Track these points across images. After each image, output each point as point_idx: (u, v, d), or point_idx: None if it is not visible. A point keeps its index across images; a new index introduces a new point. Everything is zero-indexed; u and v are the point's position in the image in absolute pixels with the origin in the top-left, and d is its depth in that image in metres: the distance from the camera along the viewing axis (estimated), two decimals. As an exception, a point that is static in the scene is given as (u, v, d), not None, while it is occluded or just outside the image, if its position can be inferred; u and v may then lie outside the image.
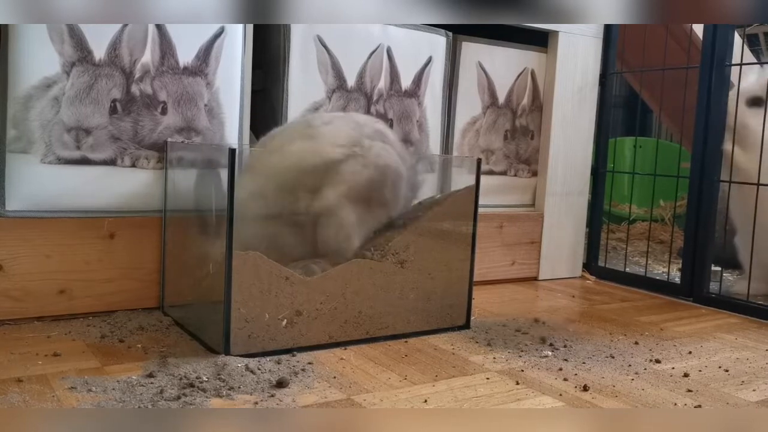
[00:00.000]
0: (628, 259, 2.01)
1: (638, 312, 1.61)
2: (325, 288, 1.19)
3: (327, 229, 1.19)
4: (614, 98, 2.05)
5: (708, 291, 1.73)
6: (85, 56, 1.25)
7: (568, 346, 1.28)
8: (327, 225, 1.19)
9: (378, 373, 1.09)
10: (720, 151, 1.70)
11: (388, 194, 1.24)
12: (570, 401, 1.01)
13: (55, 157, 1.25)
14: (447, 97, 1.73)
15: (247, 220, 1.15)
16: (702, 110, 1.73)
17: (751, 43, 2.56)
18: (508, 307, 1.58)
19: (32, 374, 1.00)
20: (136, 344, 1.15)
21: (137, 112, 1.31)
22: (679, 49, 2.12)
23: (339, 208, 1.18)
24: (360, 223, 1.21)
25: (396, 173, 1.24)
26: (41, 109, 1.23)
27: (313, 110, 1.51)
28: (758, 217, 1.60)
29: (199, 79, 1.37)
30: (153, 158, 1.34)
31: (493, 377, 1.10)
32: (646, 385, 1.10)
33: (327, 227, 1.19)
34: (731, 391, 1.10)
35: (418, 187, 1.34)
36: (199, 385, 0.97)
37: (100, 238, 1.30)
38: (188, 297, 1.27)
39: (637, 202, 2.62)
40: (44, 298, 1.25)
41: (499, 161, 1.86)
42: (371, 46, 1.57)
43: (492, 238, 1.82)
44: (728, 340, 1.40)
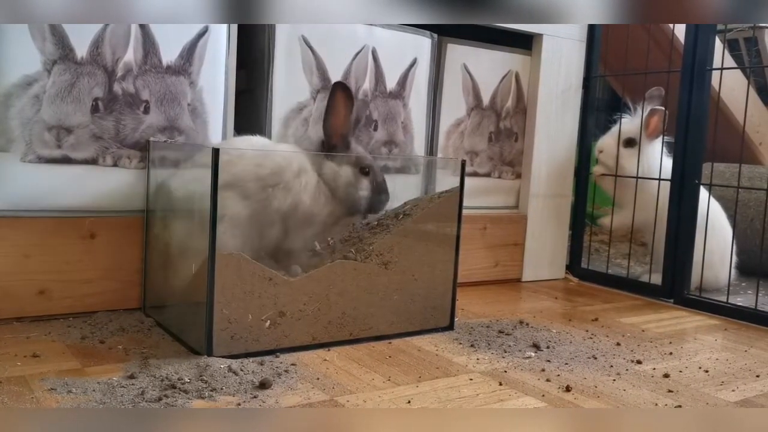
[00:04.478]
0: (610, 261, 2.03)
1: (620, 313, 1.62)
2: (308, 289, 1.18)
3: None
4: (597, 101, 2.07)
5: (688, 293, 1.74)
6: (66, 54, 1.24)
7: (550, 347, 1.29)
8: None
9: (361, 374, 1.09)
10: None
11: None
12: (553, 402, 1.02)
13: (35, 155, 1.24)
14: (432, 98, 1.74)
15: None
16: (683, 114, 1.75)
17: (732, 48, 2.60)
18: (492, 309, 1.58)
19: (11, 375, 0.98)
20: (117, 345, 1.14)
21: (119, 111, 1.30)
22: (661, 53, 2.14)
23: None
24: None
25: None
26: (21, 107, 1.22)
27: (298, 110, 1.51)
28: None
29: (183, 79, 1.36)
30: (135, 157, 1.33)
31: (476, 378, 1.10)
32: (628, 385, 1.11)
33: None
34: (711, 391, 1.11)
35: (383, 191, 1.34)
36: (181, 386, 0.96)
37: (81, 238, 1.28)
38: (170, 298, 1.26)
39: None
40: (23, 298, 1.24)
41: (483, 163, 1.87)
42: (356, 47, 1.57)
43: (475, 240, 1.82)
44: (708, 341, 1.42)
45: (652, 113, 1.83)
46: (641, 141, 1.85)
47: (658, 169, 1.83)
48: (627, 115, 1.90)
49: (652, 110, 1.83)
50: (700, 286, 1.74)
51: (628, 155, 1.87)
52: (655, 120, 1.83)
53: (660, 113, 1.83)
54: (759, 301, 1.62)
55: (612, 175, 1.90)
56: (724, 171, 2.16)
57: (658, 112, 1.83)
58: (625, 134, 1.88)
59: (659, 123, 1.83)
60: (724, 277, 1.82)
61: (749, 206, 2.14)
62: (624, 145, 1.88)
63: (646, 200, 1.82)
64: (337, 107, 1.28)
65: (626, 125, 1.88)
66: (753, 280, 1.94)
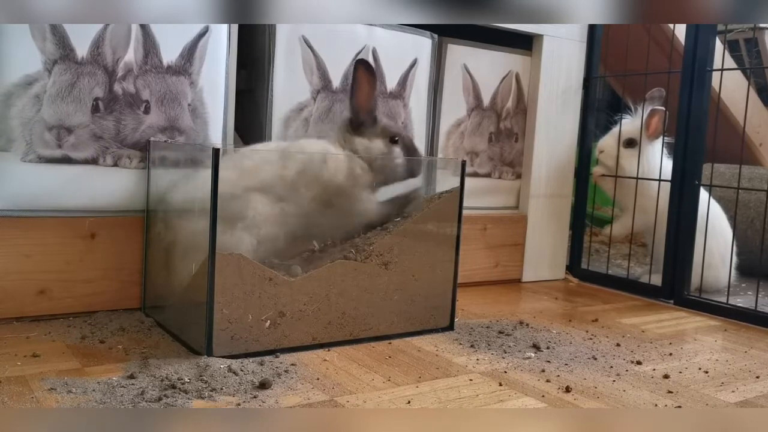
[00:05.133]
0: (610, 262, 2.02)
1: (620, 314, 1.62)
2: (308, 289, 1.18)
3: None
4: (597, 102, 2.07)
5: (689, 293, 1.74)
6: (67, 54, 1.24)
7: (550, 348, 1.29)
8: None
9: (361, 374, 1.09)
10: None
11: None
12: (552, 402, 1.02)
13: (35, 155, 1.24)
14: (432, 99, 1.74)
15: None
16: (683, 114, 1.75)
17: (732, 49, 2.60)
18: (492, 309, 1.58)
19: (11, 375, 0.98)
20: (117, 345, 1.14)
21: (120, 111, 1.30)
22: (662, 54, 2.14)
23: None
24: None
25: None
26: (22, 106, 1.22)
27: (299, 110, 1.51)
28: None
29: (183, 79, 1.36)
30: (135, 157, 1.33)
31: (476, 378, 1.10)
32: (628, 386, 1.11)
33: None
34: (711, 392, 1.11)
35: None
36: (181, 386, 0.96)
37: (81, 237, 1.28)
38: (170, 298, 1.26)
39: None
40: (23, 298, 1.24)
41: (483, 163, 1.87)
42: (357, 47, 1.57)
43: (476, 240, 1.82)
44: (708, 342, 1.42)
45: (652, 114, 1.83)
46: (641, 141, 1.86)
47: (658, 169, 1.83)
48: (627, 116, 1.91)
49: (652, 110, 1.83)
50: (701, 287, 1.74)
51: (629, 156, 1.87)
52: (655, 120, 1.83)
53: (660, 113, 1.83)
54: (759, 302, 1.62)
55: (612, 176, 1.90)
56: (724, 172, 2.15)
57: (658, 113, 1.83)
58: (626, 135, 1.88)
59: (659, 123, 1.83)
60: (724, 278, 1.82)
61: (749, 207, 2.14)
62: (624, 146, 1.88)
63: (646, 204, 1.82)
64: (362, 84, 1.33)
65: (627, 126, 1.88)
66: (753, 281, 1.94)
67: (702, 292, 1.73)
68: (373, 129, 1.35)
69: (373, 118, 1.36)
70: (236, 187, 1.17)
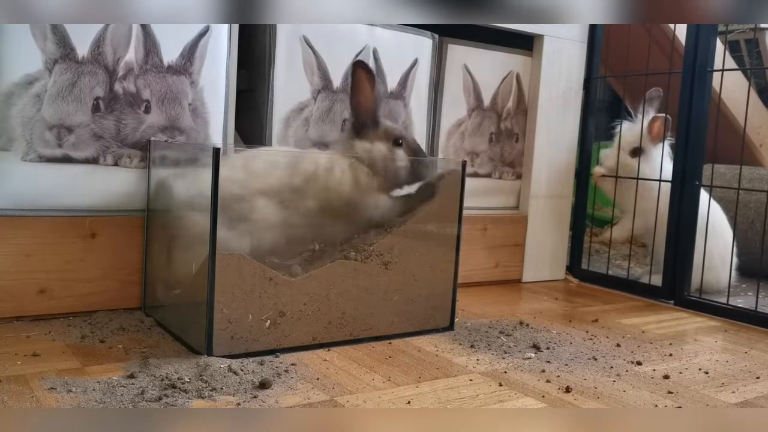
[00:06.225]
0: (610, 262, 2.02)
1: (620, 314, 1.62)
2: (308, 289, 1.18)
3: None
4: (598, 102, 2.07)
5: (689, 294, 1.74)
6: (67, 53, 1.24)
7: (551, 348, 1.29)
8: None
9: (361, 374, 1.09)
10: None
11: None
12: (552, 402, 1.02)
13: (36, 155, 1.24)
14: (432, 99, 1.74)
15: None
16: (683, 115, 1.75)
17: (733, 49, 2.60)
18: (492, 309, 1.58)
19: (11, 374, 0.99)
20: (117, 345, 1.14)
21: (120, 111, 1.30)
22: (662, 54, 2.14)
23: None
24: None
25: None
26: (22, 106, 1.22)
27: (299, 110, 1.51)
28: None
29: (184, 78, 1.36)
30: (136, 157, 1.33)
31: (476, 379, 1.10)
32: (628, 386, 1.11)
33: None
34: (711, 392, 1.11)
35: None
36: (181, 386, 0.96)
37: (82, 237, 1.28)
38: (170, 297, 1.26)
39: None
40: (24, 297, 1.24)
41: (483, 164, 1.87)
42: (357, 47, 1.57)
43: (476, 240, 1.82)
44: (708, 342, 1.42)
45: (654, 120, 1.83)
46: (645, 147, 1.85)
47: (660, 172, 1.82)
48: (627, 122, 1.90)
49: (654, 118, 1.83)
50: (701, 287, 1.74)
51: (636, 165, 1.86)
52: (657, 126, 1.83)
53: (661, 120, 1.82)
54: (759, 302, 1.62)
55: (612, 176, 1.90)
56: (724, 172, 2.15)
57: (659, 119, 1.82)
58: (630, 145, 1.87)
59: (661, 129, 1.83)
60: (724, 278, 1.82)
61: (750, 208, 2.14)
62: (631, 156, 1.87)
63: (647, 207, 1.82)
64: (361, 84, 1.31)
65: (627, 133, 1.87)
66: (753, 281, 1.94)
67: (702, 293, 1.73)
68: (375, 131, 1.33)
69: (374, 118, 1.34)
70: (240, 188, 1.17)
